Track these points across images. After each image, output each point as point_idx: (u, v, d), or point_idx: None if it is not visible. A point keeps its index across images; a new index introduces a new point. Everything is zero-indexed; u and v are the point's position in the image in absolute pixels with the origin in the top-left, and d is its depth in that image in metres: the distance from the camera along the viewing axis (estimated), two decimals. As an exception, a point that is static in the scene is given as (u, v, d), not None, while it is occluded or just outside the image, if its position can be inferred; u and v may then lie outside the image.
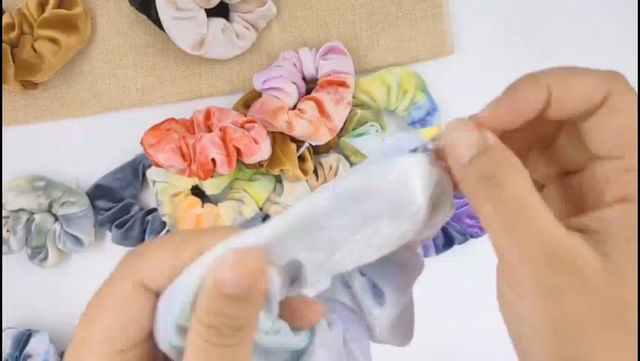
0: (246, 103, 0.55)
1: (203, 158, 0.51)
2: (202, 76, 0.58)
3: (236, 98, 0.57)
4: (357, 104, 0.56)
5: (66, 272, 0.57)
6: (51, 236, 0.55)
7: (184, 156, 0.52)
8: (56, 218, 0.56)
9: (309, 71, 0.55)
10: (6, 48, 0.54)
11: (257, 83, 0.54)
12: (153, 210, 0.57)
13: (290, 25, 0.58)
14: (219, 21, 0.54)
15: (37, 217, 0.55)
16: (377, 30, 0.57)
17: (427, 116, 0.56)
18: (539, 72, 0.22)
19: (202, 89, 0.58)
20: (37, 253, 0.55)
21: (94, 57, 0.58)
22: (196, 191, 0.57)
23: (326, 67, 0.54)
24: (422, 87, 0.56)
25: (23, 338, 0.54)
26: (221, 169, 0.51)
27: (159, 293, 0.21)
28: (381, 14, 0.57)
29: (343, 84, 0.53)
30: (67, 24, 0.54)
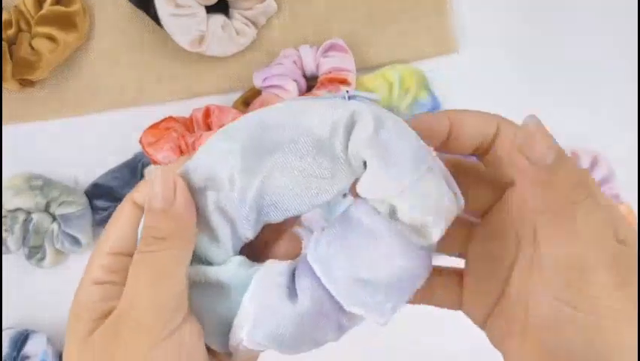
0: (246, 101, 0.55)
1: (202, 157, 0.50)
2: (201, 74, 0.57)
3: (235, 96, 0.56)
4: (358, 102, 0.55)
5: (64, 272, 0.57)
6: (49, 236, 0.55)
7: (183, 155, 0.51)
8: (54, 218, 0.55)
9: (310, 69, 0.55)
10: (3, 46, 0.53)
11: (257, 81, 0.54)
12: (152, 209, 0.56)
13: (290, 22, 0.57)
14: (219, 18, 0.54)
15: (34, 217, 0.54)
16: (379, 27, 0.57)
17: (430, 114, 0.56)
18: (439, 111, 0.26)
19: (201, 87, 0.57)
20: (34, 253, 0.55)
21: (92, 55, 0.57)
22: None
23: (327, 64, 0.53)
24: (425, 85, 0.56)
25: (21, 339, 0.54)
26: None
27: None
28: (383, 11, 0.57)
29: (344, 82, 0.53)
30: (64, 21, 0.54)
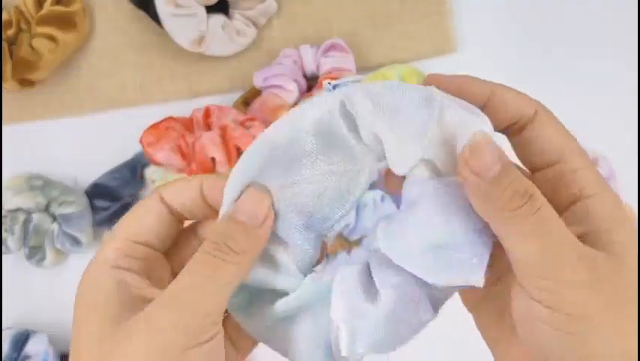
0: (246, 101, 0.55)
1: (202, 157, 0.50)
2: (201, 74, 0.57)
3: (236, 96, 0.56)
4: (358, 102, 0.55)
5: (64, 272, 0.57)
6: (49, 236, 0.55)
7: (183, 155, 0.52)
8: (54, 218, 0.55)
9: (310, 69, 0.55)
10: (3, 46, 0.53)
11: (257, 81, 0.54)
12: (152, 209, 0.56)
13: (291, 21, 0.57)
14: (219, 18, 0.54)
15: (34, 217, 0.54)
16: (379, 27, 0.57)
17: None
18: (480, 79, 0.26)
19: (201, 87, 0.57)
20: (35, 253, 0.55)
21: (92, 55, 0.57)
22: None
23: (327, 64, 0.53)
24: (425, 85, 0.56)
25: (22, 339, 0.54)
26: (220, 168, 0.51)
27: (172, 208, 0.25)
28: (383, 11, 0.57)
29: (345, 82, 0.53)
30: (65, 21, 0.54)
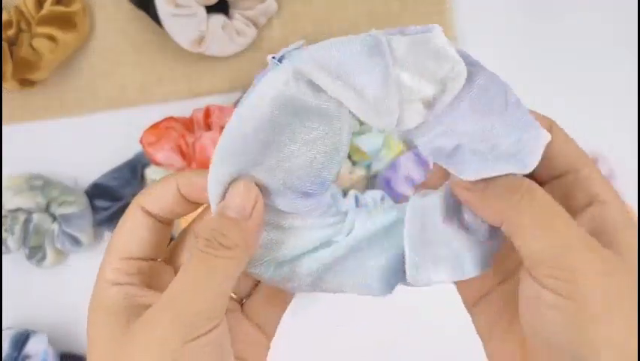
0: (246, 101, 0.55)
1: (203, 157, 0.50)
2: (201, 74, 0.57)
3: (236, 95, 0.56)
4: (358, 102, 0.55)
5: (64, 272, 0.57)
6: (49, 236, 0.55)
7: (183, 155, 0.51)
8: (54, 218, 0.55)
9: (310, 69, 0.55)
10: (4, 46, 0.53)
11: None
12: (152, 209, 0.56)
13: (290, 21, 0.57)
14: (219, 18, 0.54)
15: (35, 217, 0.54)
16: (379, 27, 0.57)
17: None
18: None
19: (202, 87, 0.57)
20: (35, 253, 0.55)
21: (92, 55, 0.57)
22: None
23: (327, 64, 0.53)
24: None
25: (22, 339, 0.54)
26: (220, 168, 0.51)
27: (156, 215, 0.25)
28: (383, 11, 0.57)
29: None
30: (65, 21, 0.54)
